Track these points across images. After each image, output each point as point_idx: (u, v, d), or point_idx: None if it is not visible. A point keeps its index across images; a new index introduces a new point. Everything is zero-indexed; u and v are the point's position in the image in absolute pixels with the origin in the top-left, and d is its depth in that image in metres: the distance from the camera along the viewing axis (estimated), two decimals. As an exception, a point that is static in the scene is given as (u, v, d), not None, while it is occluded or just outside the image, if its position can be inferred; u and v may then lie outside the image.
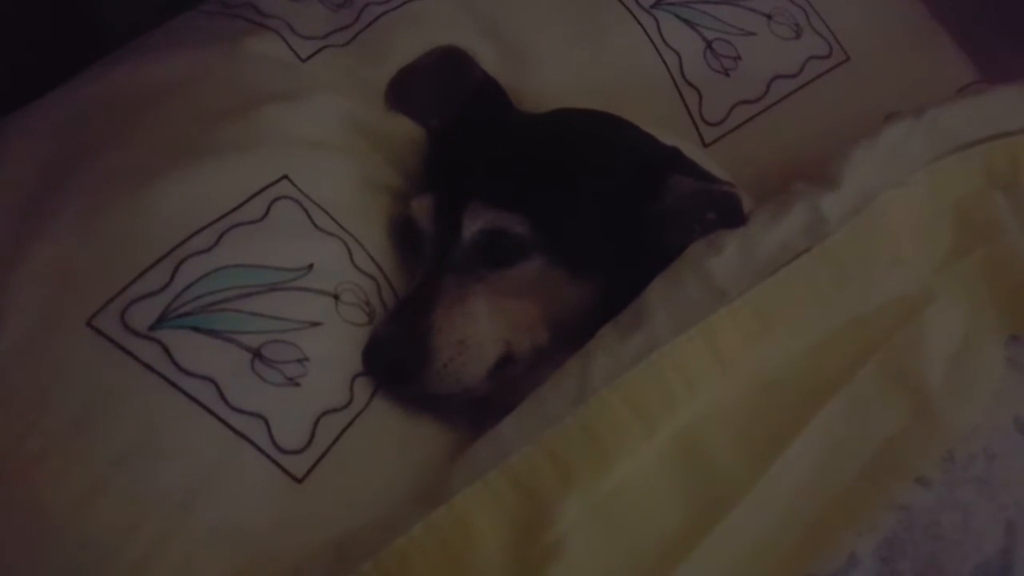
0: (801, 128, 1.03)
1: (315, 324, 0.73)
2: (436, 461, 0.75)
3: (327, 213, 0.80)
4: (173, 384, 0.66)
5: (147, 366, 0.66)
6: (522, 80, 0.96)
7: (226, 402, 0.67)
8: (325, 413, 0.70)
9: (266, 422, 0.67)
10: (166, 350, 0.67)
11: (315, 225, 0.78)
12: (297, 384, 0.70)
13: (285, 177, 0.79)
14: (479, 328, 0.77)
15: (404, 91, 0.91)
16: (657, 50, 1.01)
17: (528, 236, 0.77)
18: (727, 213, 0.79)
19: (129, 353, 0.67)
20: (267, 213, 0.77)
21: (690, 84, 1.02)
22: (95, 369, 0.66)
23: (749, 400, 0.70)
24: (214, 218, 0.74)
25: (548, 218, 0.78)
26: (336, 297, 0.76)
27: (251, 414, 0.67)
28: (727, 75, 1.03)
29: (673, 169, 0.80)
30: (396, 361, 0.75)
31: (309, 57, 0.90)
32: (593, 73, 1.00)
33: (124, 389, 0.66)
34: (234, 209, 0.75)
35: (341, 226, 0.80)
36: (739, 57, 1.04)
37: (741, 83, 1.03)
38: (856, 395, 0.70)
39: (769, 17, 1.06)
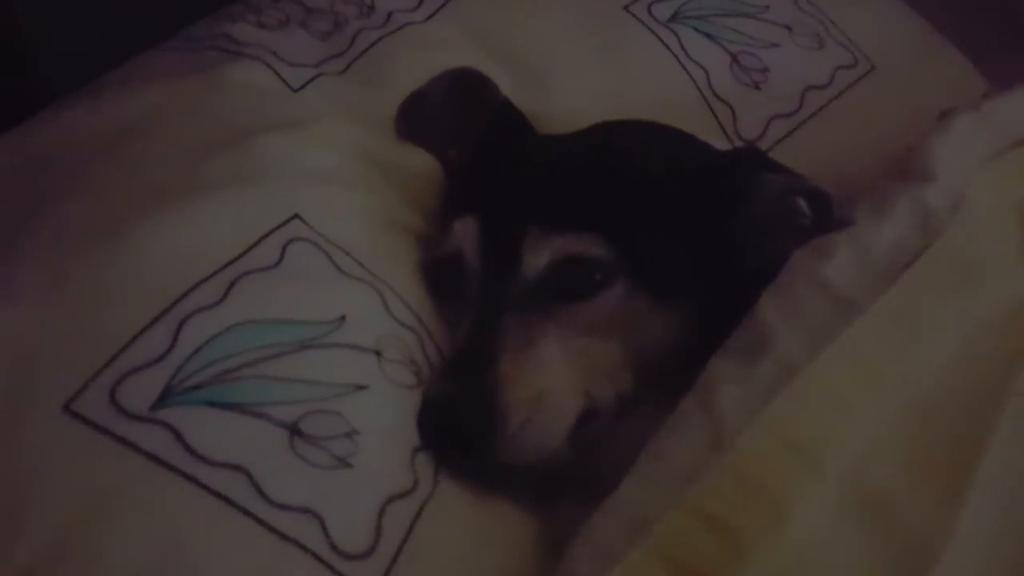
0: (839, 140, 0.94)
1: (360, 388, 0.57)
2: (519, 551, 0.59)
3: (350, 256, 0.65)
4: (191, 478, 0.49)
5: (154, 457, 0.49)
6: (539, 103, 0.84)
7: (264, 496, 0.50)
8: (390, 501, 0.54)
9: (319, 518, 0.51)
10: (177, 434, 0.50)
11: (340, 270, 0.63)
12: (349, 465, 0.54)
13: (296, 216, 0.64)
14: (555, 377, 0.62)
15: (415, 119, 0.78)
16: (683, 65, 0.92)
17: (609, 259, 0.64)
18: (820, 215, 0.67)
19: (127, 442, 0.49)
20: (282, 258, 0.61)
21: (721, 99, 0.92)
22: (82, 469, 0.49)
23: (908, 424, 0.58)
24: (219, 266, 0.58)
25: (624, 237, 0.64)
26: (378, 354, 0.60)
27: (298, 509, 0.50)
28: (758, 88, 0.94)
29: (760, 167, 0.68)
30: (461, 427, 0.60)
31: (302, 87, 0.77)
32: (616, 93, 0.89)
33: (125, 491, 0.48)
34: (242, 254, 0.60)
35: (369, 271, 0.65)
36: (767, 69, 0.95)
37: (774, 96, 0.94)
38: None
39: (789, 28, 0.99)
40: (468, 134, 0.79)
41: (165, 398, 0.51)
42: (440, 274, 0.70)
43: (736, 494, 0.51)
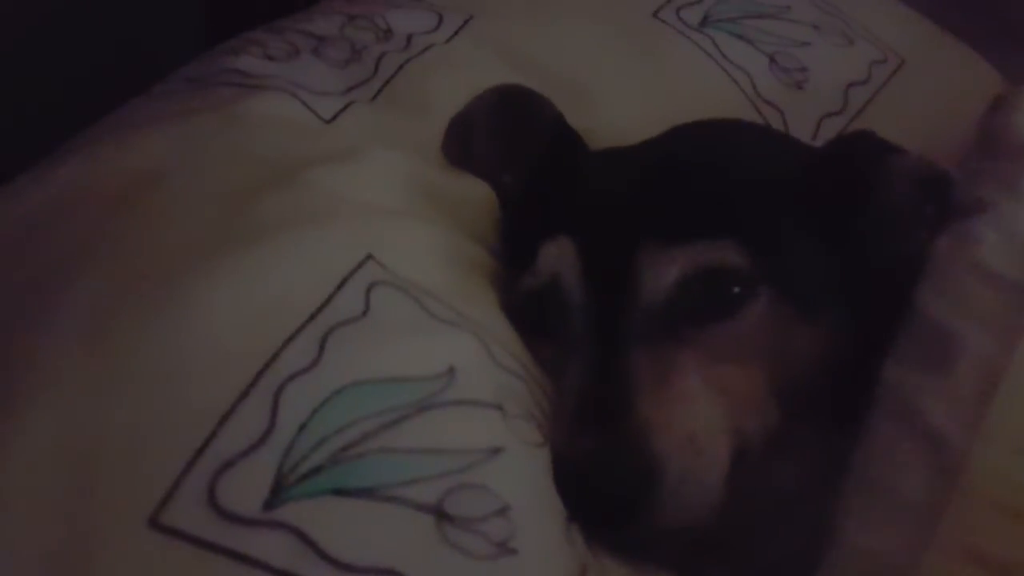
0: (890, 134, 0.89)
1: (495, 451, 0.46)
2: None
3: (437, 299, 0.54)
4: (335, 592, 0.37)
5: (281, 573, 0.37)
6: (586, 119, 0.76)
7: (429, 604, 0.39)
8: (566, 590, 0.43)
9: (500, 626, 0.39)
10: (304, 537, 0.38)
11: (433, 316, 0.53)
12: (513, 551, 0.42)
13: (370, 257, 0.53)
14: (703, 416, 0.53)
15: (463, 144, 0.69)
16: (724, 70, 0.85)
17: (748, 267, 0.55)
18: (943, 200, 0.60)
19: (242, 557, 0.37)
20: (368, 306, 0.50)
21: (767, 102, 0.85)
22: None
23: None
24: (303, 319, 0.47)
25: (759, 241, 0.56)
26: (501, 408, 0.49)
27: (472, 617, 0.39)
28: (800, 88, 0.88)
29: (888, 149, 0.61)
30: (615, 488, 0.49)
31: (334, 117, 0.66)
32: (660, 102, 0.81)
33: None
34: (323, 305, 0.48)
35: (460, 314, 0.55)
36: (806, 68, 0.89)
37: (818, 95, 0.88)
38: None
39: (816, 27, 0.94)
40: (521, 156, 0.70)
41: (279, 492, 0.40)
42: (531, 311, 0.60)
43: (1000, 525, 0.42)
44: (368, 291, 0.51)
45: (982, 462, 0.44)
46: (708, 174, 0.59)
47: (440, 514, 0.42)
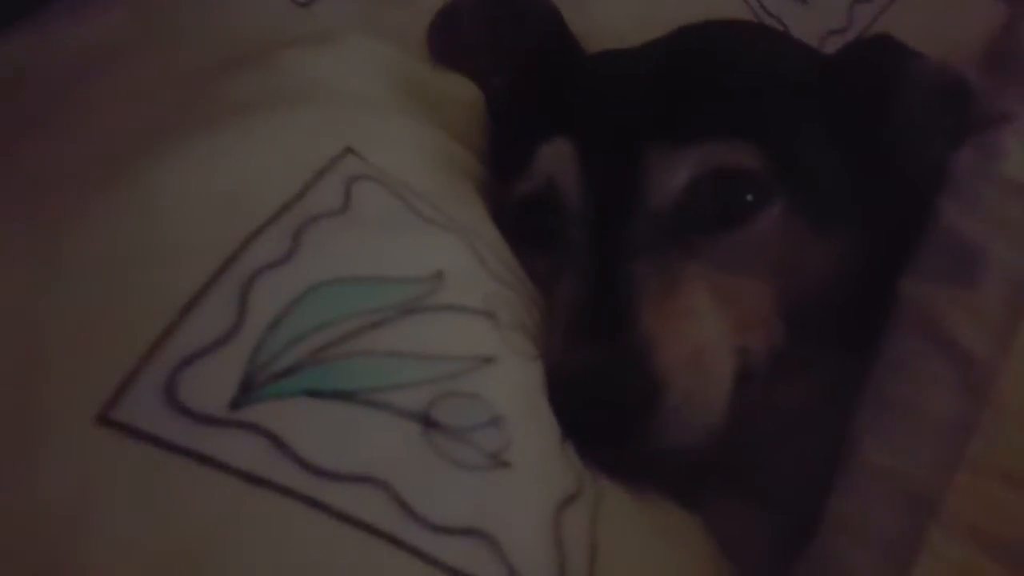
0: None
1: (487, 360, 0.42)
2: (704, 552, 0.46)
3: (425, 199, 0.49)
4: (312, 502, 0.33)
5: (252, 477, 0.33)
6: (579, 21, 0.71)
7: (416, 517, 0.34)
8: (563, 507, 0.39)
9: (492, 541, 0.35)
10: (275, 440, 0.34)
11: (420, 215, 0.48)
12: (506, 464, 0.38)
13: (350, 150, 0.48)
14: (710, 331, 0.49)
15: (450, 39, 0.63)
16: (729, -21, 0.80)
17: (764, 171, 0.50)
18: (963, 110, 0.57)
19: (206, 458, 0.33)
20: (349, 200, 0.45)
21: (771, 15, 0.81)
22: (141, 508, 0.32)
23: None
24: (275, 210, 0.42)
25: (776, 144, 0.51)
26: (492, 316, 0.45)
27: (463, 531, 0.35)
28: (804, 3, 0.84)
29: (911, 55, 0.56)
30: (613, 405, 0.45)
31: (312, 1, 0.60)
32: (663, 8, 0.76)
33: (216, 533, 0.32)
34: (298, 196, 0.43)
35: (448, 217, 0.50)
36: (809, -16, 0.85)
37: (822, 11, 0.84)
38: None
39: (813, -56, 0.89)
40: (514, 55, 0.65)
41: (248, 390, 0.35)
42: (523, 220, 0.55)
43: (1029, 443, 0.39)
44: (349, 185, 0.46)
45: (1013, 378, 0.41)
46: (719, 71, 0.54)
47: (428, 421, 0.37)
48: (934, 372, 0.42)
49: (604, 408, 0.45)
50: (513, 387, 0.42)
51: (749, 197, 0.50)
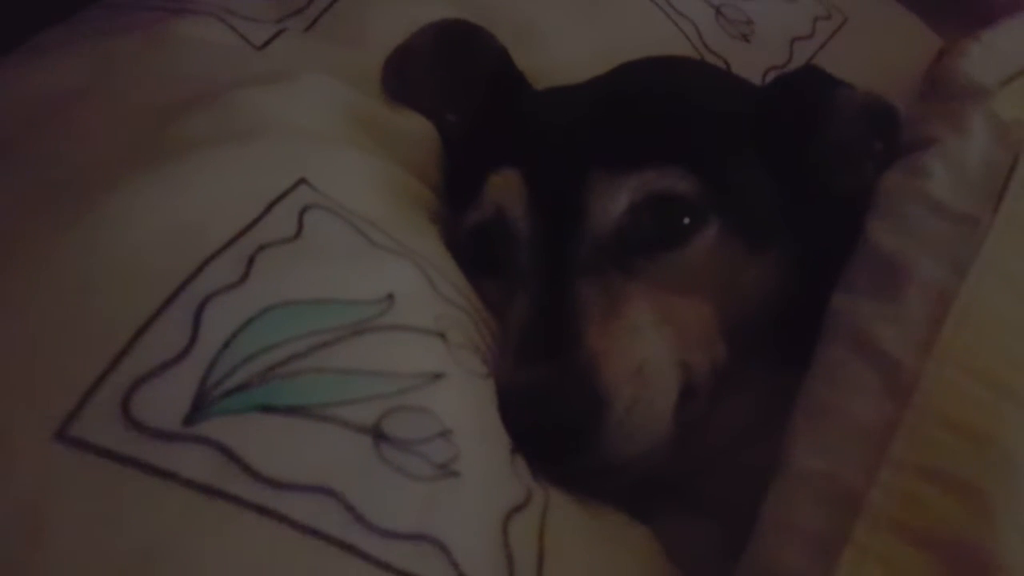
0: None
1: (436, 376, 0.44)
2: (652, 562, 0.47)
3: (377, 227, 0.51)
4: (265, 510, 0.34)
5: (204, 488, 0.34)
6: (526, 58, 0.74)
7: (366, 524, 0.36)
8: (511, 515, 0.41)
9: (441, 546, 0.37)
10: (229, 453, 0.35)
11: (372, 242, 0.50)
12: (455, 473, 0.40)
13: (303, 180, 0.50)
14: (653, 346, 0.51)
15: (403, 78, 0.65)
16: (671, 19, 0.83)
17: (698, 195, 0.53)
18: (892, 135, 0.60)
19: (160, 471, 0.34)
20: (300, 228, 0.47)
21: (714, 52, 0.84)
22: (96, 519, 0.33)
23: None
24: (228, 238, 0.44)
25: (709, 169, 0.54)
26: (442, 336, 0.47)
27: (412, 537, 0.36)
28: (747, 41, 0.87)
29: (836, 84, 0.60)
30: (562, 419, 0.47)
31: (266, 43, 0.63)
32: (609, 48, 0.78)
33: (170, 543, 0.33)
34: (253, 223, 0.45)
35: (400, 244, 0.52)
36: (752, 21, 0.88)
37: (763, 48, 0.87)
38: None
39: (759, -18, 0.93)
40: (465, 92, 0.67)
41: (201, 407, 0.36)
42: (475, 248, 0.57)
43: (955, 443, 0.41)
44: (301, 214, 0.48)
45: (936, 381, 0.43)
46: (657, 103, 0.57)
47: (378, 434, 0.39)
48: (861, 379, 0.45)
49: (551, 425, 0.47)
50: (462, 402, 0.44)
51: (686, 220, 0.53)
